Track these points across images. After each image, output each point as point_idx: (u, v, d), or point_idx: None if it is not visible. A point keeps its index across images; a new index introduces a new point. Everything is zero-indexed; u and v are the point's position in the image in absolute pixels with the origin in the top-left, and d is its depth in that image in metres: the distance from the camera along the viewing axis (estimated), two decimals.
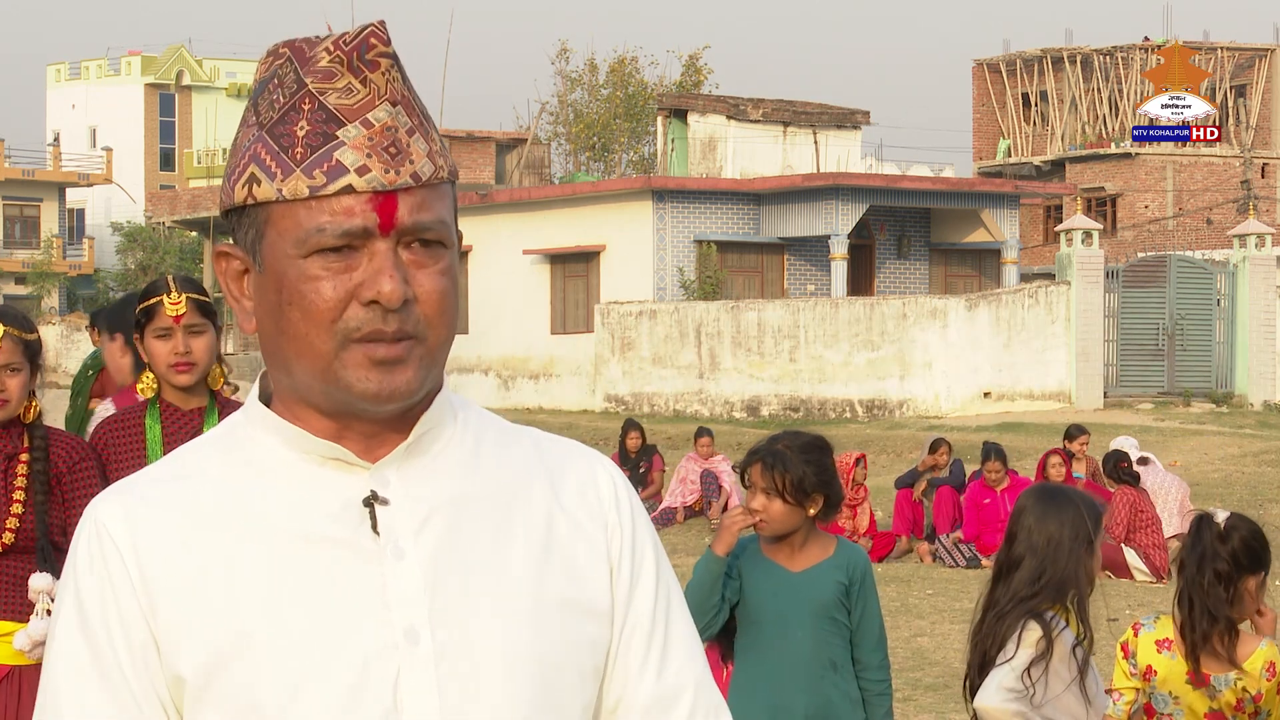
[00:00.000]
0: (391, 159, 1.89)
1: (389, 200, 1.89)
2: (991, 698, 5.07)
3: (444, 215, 1.94)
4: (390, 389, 1.90)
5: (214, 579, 1.89)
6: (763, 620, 5.35)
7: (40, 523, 4.96)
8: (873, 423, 30.86)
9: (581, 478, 2.05)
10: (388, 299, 1.87)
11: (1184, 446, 25.49)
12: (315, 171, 1.88)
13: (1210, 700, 5.49)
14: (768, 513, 5.31)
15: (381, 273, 1.88)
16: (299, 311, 1.90)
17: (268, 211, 1.91)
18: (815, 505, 5.33)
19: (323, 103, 1.90)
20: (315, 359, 1.90)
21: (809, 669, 5.30)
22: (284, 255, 1.90)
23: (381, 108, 1.90)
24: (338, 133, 1.89)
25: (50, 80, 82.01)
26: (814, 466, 5.32)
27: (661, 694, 2.03)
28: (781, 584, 5.33)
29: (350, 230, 1.88)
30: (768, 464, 5.32)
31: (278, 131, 1.91)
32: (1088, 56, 60.52)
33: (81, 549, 1.93)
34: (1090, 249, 33.18)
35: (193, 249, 61.69)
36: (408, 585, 1.91)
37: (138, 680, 1.89)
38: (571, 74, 59.21)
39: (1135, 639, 5.61)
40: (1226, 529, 5.55)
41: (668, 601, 2.06)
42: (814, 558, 5.37)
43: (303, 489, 1.93)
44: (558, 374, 37.54)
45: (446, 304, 1.93)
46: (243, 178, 1.93)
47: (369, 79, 1.90)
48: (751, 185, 37.82)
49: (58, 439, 5.09)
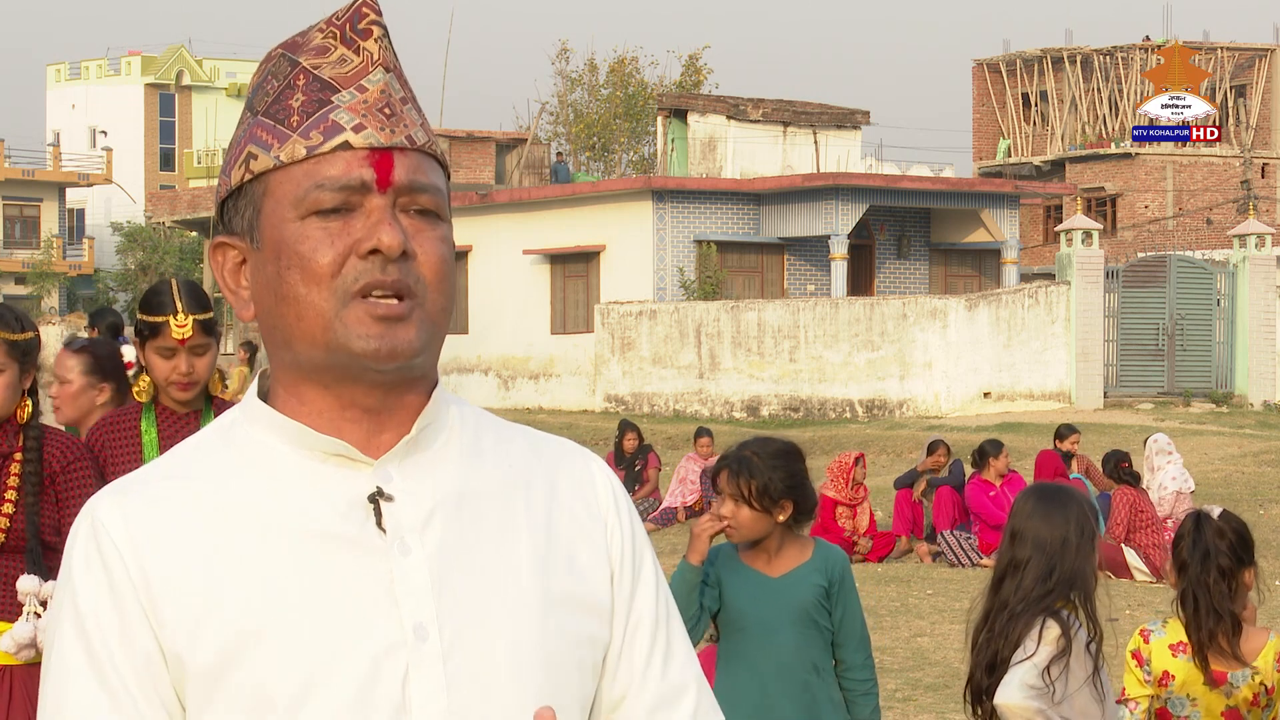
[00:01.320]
0: (387, 119, 1.92)
1: (385, 157, 1.91)
2: (1014, 695, 5.08)
3: (439, 184, 1.96)
4: (391, 346, 1.90)
5: (217, 577, 1.89)
6: (745, 626, 5.34)
7: (30, 523, 4.94)
8: (873, 423, 30.85)
9: (578, 476, 2.06)
10: (387, 247, 1.88)
11: (1184, 446, 25.44)
12: (312, 133, 1.91)
13: (1227, 699, 5.50)
14: (736, 519, 5.30)
15: (380, 224, 1.89)
16: (298, 273, 1.90)
17: (265, 183, 1.93)
18: (784, 512, 5.32)
19: (317, 75, 1.93)
20: (315, 319, 1.90)
21: (793, 673, 5.31)
22: (282, 221, 1.91)
23: (376, 73, 1.93)
24: (333, 98, 1.92)
25: (50, 80, 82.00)
26: (782, 473, 5.31)
27: (666, 691, 2.04)
28: (761, 590, 5.33)
29: (348, 184, 1.90)
30: (734, 470, 5.33)
31: (273, 110, 1.94)
32: (1088, 56, 60.52)
33: (78, 548, 1.91)
34: (1090, 249, 33.18)
35: (193, 249, 61.66)
36: (415, 581, 1.91)
37: (137, 681, 1.87)
38: (571, 74, 59.25)
39: (1147, 645, 5.59)
40: (1222, 524, 5.57)
41: (668, 600, 2.08)
42: (792, 562, 5.37)
43: (306, 486, 1.93)
44: (558, 374, 37.54)
45: (445, 270, 1.94)
46: (239, 160, 1.95)
47: (362, 48, 1.93)
48: (751, 185, 37.81)
49: (53, 438, 5.05)
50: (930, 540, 17.06)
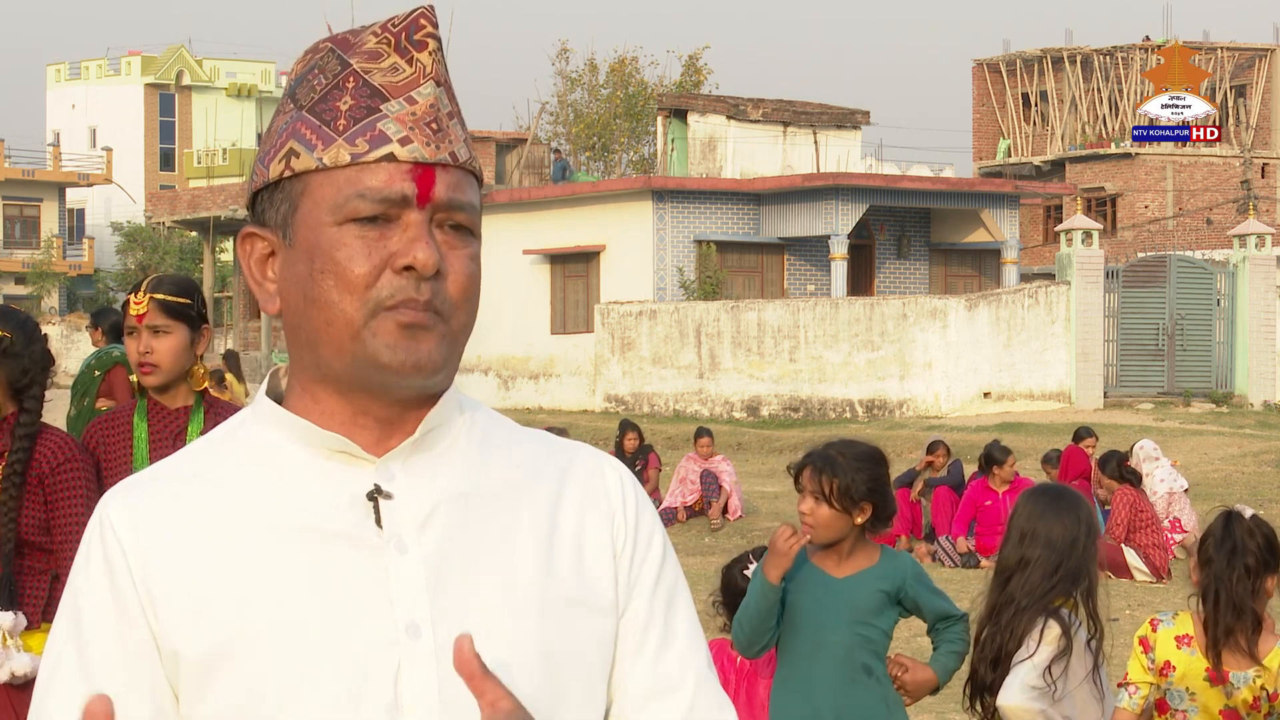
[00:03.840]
0: (433, 134, 1.91)
1: (428, 173, 1.90)
2: (1015, 696, 5.09)
3: (475, 202, 1.95)
4: (415, 358, 1.90)
5: (218, 574, 1.90)
6: (800, 624, 5.32)
7: (5, 522, 4.95)
8: (873, 423, 30.86)
9: (589, 476, 2.05)
10: (423, 265, 1.88)
11: (1184, 446, 25.47)
12: (358, 140, 1.90)
13: (1226, 698, 5.46)
14: (814, 517, 5.27)
15: (417, 240, 1.89)
16: (332, 279, 1.90)
17: (304, 182, 1.92)
18: (863, 514, 5.29)
19: (367, 80, 1.92)
20: (345, 327, 1.90)
21: (840, 673, 5.28)
22: (318, 224, 1.91)
23: (427, 86, 1.92)
24: (381, 106, 1.91)
25: (50, 80, 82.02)
26: (865, 475, 5.28)
27: (660, 682, 2.02)
28: (823, 590, 5.31)
29: (389, 197, 1.89)
30: (818, 468, 5.29)
31: (319, 109, 1.93)
32: (1088, 56, 60.52)
33: (87, 546, 1.94)
34: (1090, 249, 33.19)
35: (193, 249, 61.67)
36: (410, 580, 1.91)
37: (126, 677, 1.89)
38: (571, 74, 59.21)
39: (1154, 634, 5.55)
40: (1253, 525, 5.54)
41: (670, 594, 2.05)
42: (858, 565, 5.34)
43: (308, 482, 1.94)
44: (558, 374, 37.55)
45: (473, 289, 1.94)
46: (280, 153, 1.94)
47: (415, 59, 1.92)
48: (751, 185, 37.81)
49: (47, 438, 5.05)
50: (929, 540, 17.06)
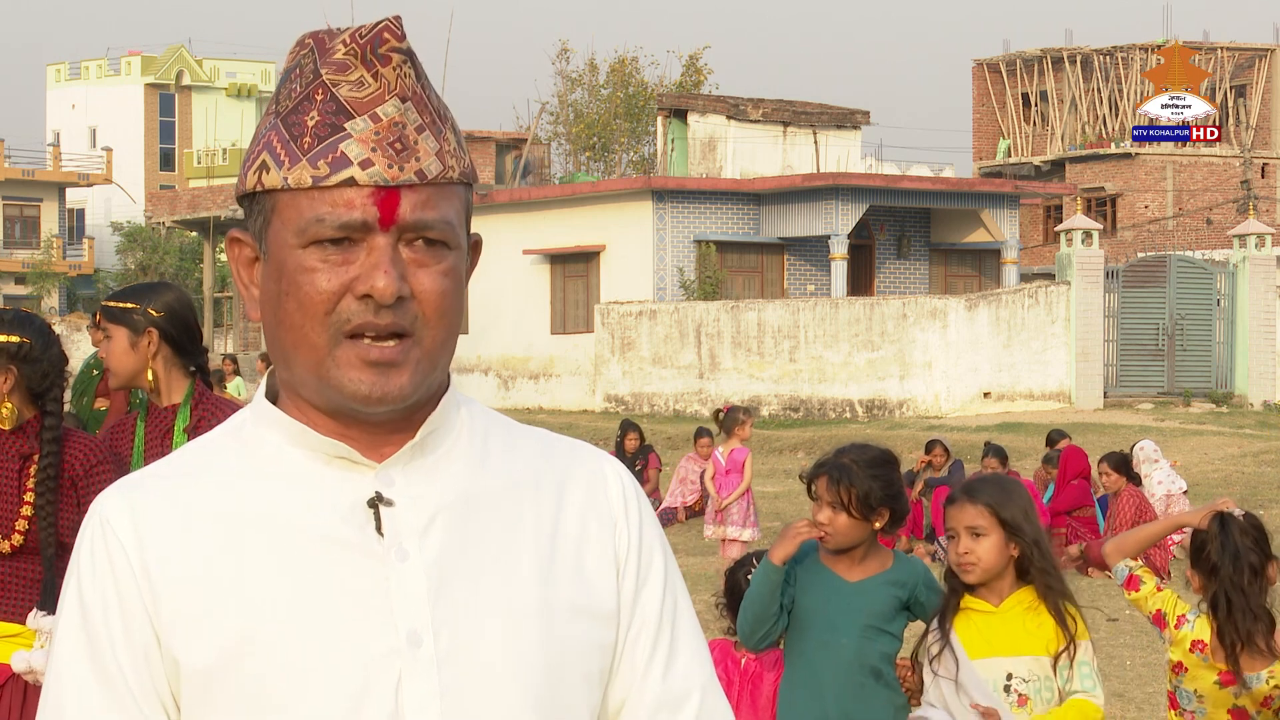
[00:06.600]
0: (396, 154, 1.88)
1: (391, 195, 1.88)
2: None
3: (449, 216, 1.92)
4: (382, 392, 1.89)
5: (219, 576, 1.89)
6: (809, 626, 5.34)
7: (45, 526, 4.95)
8: (872, 423, 30.85)
9: (590, 478, 2.03)
10: (380, 294, 1.86)
11: (1184, 446, 25.45)
12: (320, 162, 1.88)
13: (1235, 698, 5.44)
14: (833, 526, 5.28)
15: (377, 267, 1.87)
16: (294, 302, 1.89)
17: (274, 199, 1.91)
18: (881, 519, 5.33)
19: (334, 94, 1.90)
20: (310, 352, 1.90)
21: (849, 676, 5.29)
22: (285, 244, 1.90)
23: (391, 103, 1.90)
24: (345, 125, 1.89)
25: (50, 80, 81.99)
26: (881, 481, 5.32)
27: (667, 695, 2.01)
28: (834, 593, 5.32)
29: (349, 223, 1.88)
30: (834, 478, 5.31)
31: (290, 120, 1.91)
32: (1088, 56, 60.51)
33: (85, 545, 1.92)
34: (1090, 249, 33.17)
35: (192, 249, 61.66)
36: (411, 587, 1.90)
37: (136, 678, 1.88)
38: (571, 74, 59.19)
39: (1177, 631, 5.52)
40: (1244, 523, 5.51)
41: (675, 602, 2.05)
42: (870, 570, 5.36)
43: (309, 488, 1.93)
44: (558, 374, 37.54)
45: (446, 304, 1.91)
46: (255, 164, 1.93)
47: (380, 73, 1.90)
48: (751, 185, 37.80)
49: (76, 441, 5.07)
50: (929, 540, 17.05)
